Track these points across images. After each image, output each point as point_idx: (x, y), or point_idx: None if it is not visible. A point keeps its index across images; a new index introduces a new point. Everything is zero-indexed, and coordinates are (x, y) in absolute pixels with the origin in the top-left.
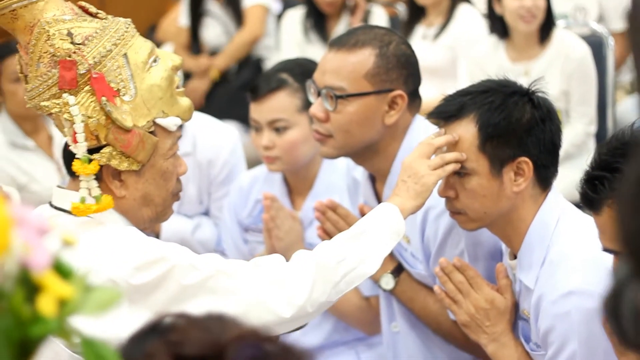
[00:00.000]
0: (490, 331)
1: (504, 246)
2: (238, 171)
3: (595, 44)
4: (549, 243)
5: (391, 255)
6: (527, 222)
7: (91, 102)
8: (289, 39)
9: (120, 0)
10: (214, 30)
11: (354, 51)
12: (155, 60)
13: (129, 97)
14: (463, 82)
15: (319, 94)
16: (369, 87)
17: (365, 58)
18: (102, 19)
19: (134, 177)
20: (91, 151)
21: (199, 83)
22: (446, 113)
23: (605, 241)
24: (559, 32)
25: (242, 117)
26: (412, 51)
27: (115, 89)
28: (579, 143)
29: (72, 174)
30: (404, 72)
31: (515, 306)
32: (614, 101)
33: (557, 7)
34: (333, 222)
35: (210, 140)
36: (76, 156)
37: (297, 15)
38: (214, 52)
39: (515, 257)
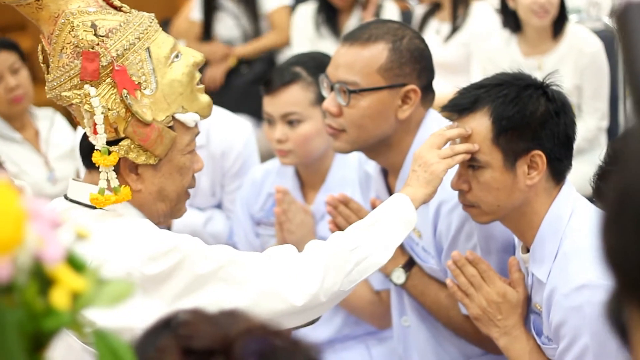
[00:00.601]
0: (502, 325)
1: (516, 240)
2: (251, 164)
3: (608, 39)
4: (562, 236)
5: (402, 250)
6: (541, 215)
7: (112, 94)
8: (300, 34)
9: None
10: (225, 24)
11: (367, 46)
12: (177, 56)
13: (150, 91)
14: (476, 77)
15: (332, 89)
16: (382, 82)
17: (378, 52)
18: (126, 12)
19: (151, 171)
20: (110, 143)
21: (216, 70)
22: (460, 106)
23: None
24: (572, 27)
25: (254, 111)
26: (426, 45)
27: (137, 82)
28: (591, 138)
29: (88, 166)
30: (417, 66)
31: (527, 300)
32: (625, 96)
33: (571, 1)
34: (345, 216)
35: (224, 132)
36: (95, 147)
37: (309, 9)
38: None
39: (527, 251)
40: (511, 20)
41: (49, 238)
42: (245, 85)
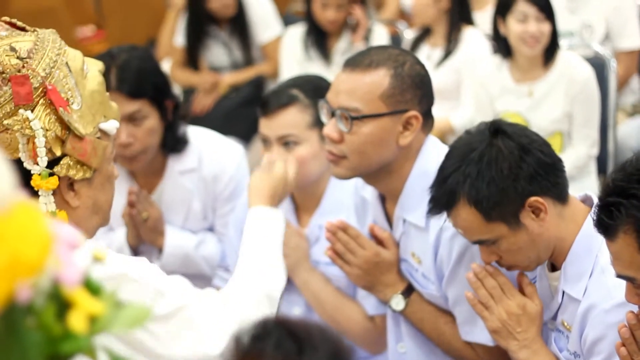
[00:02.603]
0: (521, 337)
1: None
2: (243, 187)
3: (598, 66)
4: (597, 252)
5: (401, 276)
6: (568, 240)
7: (46, 114)
8: (289, 56)
9: (118, 15)
10: (215, 51)
11: (369, 72)
12: (86, 67)
13: (77, 105)
14: (466, 102)
15: (332, 115)
16: (384, 108)
17: (380, 79)
18: (32, 32)
19: (86, 186)
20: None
21: (206, 99)
22: (442, 206)
23: (620, 267)
24: (564, 54)
25: (242, 134)
26: (426, 71)
27: (65, 99)
28: (581, 165)
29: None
30: (418, 92)
31: (553, 317)
32: (615, 123)
33: (563, 24)
34: (344, 242)
35: (216, 155)
36: (32, 172)
37: (297, 32)
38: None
39: (553, 268)
40: (502, 46)
41: (67, 260)
42: (232, 109)
